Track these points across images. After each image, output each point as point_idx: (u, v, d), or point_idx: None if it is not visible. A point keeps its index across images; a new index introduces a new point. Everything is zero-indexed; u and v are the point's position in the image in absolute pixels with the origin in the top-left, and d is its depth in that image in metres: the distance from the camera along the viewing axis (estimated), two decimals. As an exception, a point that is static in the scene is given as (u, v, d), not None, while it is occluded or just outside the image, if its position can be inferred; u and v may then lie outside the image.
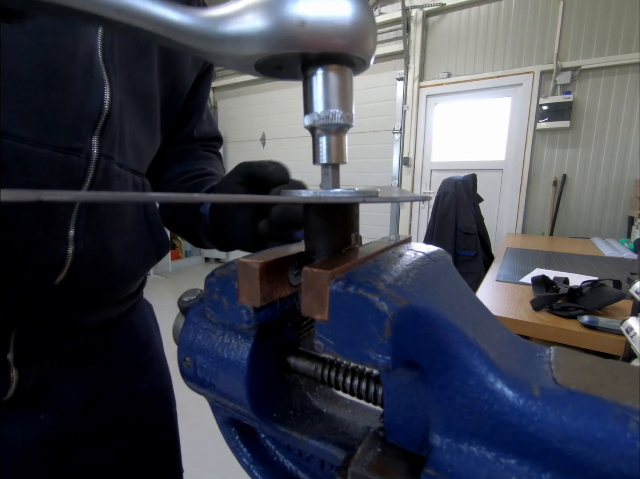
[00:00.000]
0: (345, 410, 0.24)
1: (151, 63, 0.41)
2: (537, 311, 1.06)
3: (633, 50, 2.56)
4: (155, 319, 0.60)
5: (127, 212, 0.41)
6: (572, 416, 0.13)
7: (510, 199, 3.13)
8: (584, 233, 2.86)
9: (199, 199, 0.15)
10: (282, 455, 0.25)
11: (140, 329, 0.52)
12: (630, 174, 2.69)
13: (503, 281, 1.38)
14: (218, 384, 0.22)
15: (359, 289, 0.15)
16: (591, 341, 0.92)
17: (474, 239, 2.10)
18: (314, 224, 0.21)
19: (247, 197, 0.29)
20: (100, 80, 0.34)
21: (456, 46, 3.17)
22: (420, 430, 0.17)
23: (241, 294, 0.19)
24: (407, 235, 0.24)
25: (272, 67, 0.18)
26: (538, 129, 2.89)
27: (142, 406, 0.50)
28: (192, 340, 0.23)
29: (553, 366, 0.16)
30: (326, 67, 0.17)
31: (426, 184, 3.47)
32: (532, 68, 2.88)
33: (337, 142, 0.19)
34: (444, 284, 0.18)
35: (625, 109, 2.66)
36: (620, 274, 1.44)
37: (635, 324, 0.69)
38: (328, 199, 0.18)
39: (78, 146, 0.33)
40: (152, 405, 0.52)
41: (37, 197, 0.10)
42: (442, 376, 0.15)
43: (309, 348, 0.25)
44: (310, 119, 0.18)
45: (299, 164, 4.09)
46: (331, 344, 0.15)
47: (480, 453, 0.15)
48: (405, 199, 0.23)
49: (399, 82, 3.42)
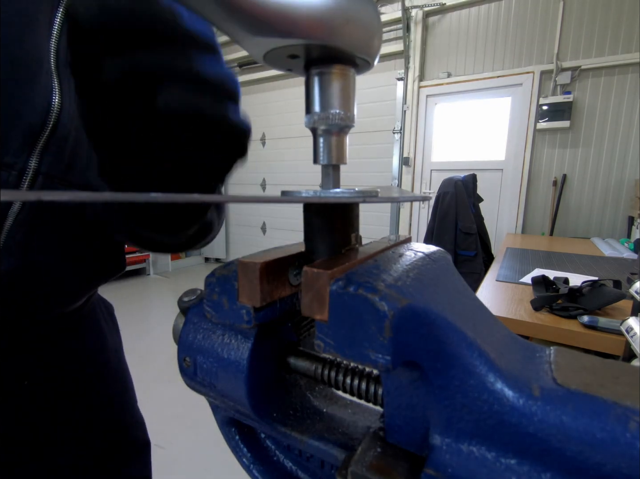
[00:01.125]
0: (345, 410, 0.24)
1: None
2: (537, 311, 1.06)
3: (633, 50, 2.56)
4: (113, 319, 0.55)
5: (78, 231, 0.37)
6: (572, 416, 0.13)
7: (510, 199, 3.13)
8: (584, 233, 2.86)
9: (199, 199, 0.15)
10: (282, 455, 0.25)
11: (88, 336, 0.47)
12: (630, 174, 2.69)
13: (503, 281, 1.38)
14: (218, 384, 0.22)
15: (359, 289, 0.15)
16: (591, 341, 0.92)
17: (474, 239, 2.10)
18: (314, 224, 0.21)
19: (247, 198, 0.29)
20: (48, 89, 0.30)
21: (456, 46, 3.17)
22: (420, 430, 0.17)
23: (241, 294, 0.19)
24: (407, 235, 0.24)
25: (288, 55, 0.17)
26: (538, 129, 2.89)
27: (93, 415, 0.47)
28: (192, 340, 0.23)
29: (553, 366, 0.16)
30: (329, 66, 0.17)
31: (426, 184, 3.47)
32: (532, 68, 2.88)
33: (338, 143, 0.19)
34: (444, 284, 0.18)
35: (625, 109, 2.66)
36: (620, 274, 1.44)
37: (635, 324, 0.69)
38: (328, 199, 0.18)
39: (10, 161, 0.29)
40: (106, 413, 0.49)
41: (37, 197, 0.10)
42: (442, 376, 0.15)
43: (309, 348, 0.25)
44: (311, 119, 0.18)
45: (299, 164, 4.12)
46: (331, 344, 0.15)
47: (480, 453, 0.15)
48: (405, 199, 0.23)
49: (399, 82, 3.42)
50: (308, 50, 0.17)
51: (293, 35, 0.15)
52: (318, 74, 0.18)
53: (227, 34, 0.16)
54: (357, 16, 0.16)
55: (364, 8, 0.16)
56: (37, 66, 0.30)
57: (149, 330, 2.73)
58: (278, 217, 4.43)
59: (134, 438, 0.54)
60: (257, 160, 4.44)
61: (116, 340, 0.54)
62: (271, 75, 4.10)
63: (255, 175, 4.52)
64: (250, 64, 4.20)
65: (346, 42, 0.16)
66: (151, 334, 2.66)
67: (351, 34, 0.16)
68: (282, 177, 4.32)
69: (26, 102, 0.29)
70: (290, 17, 0.15)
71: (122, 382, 0.53)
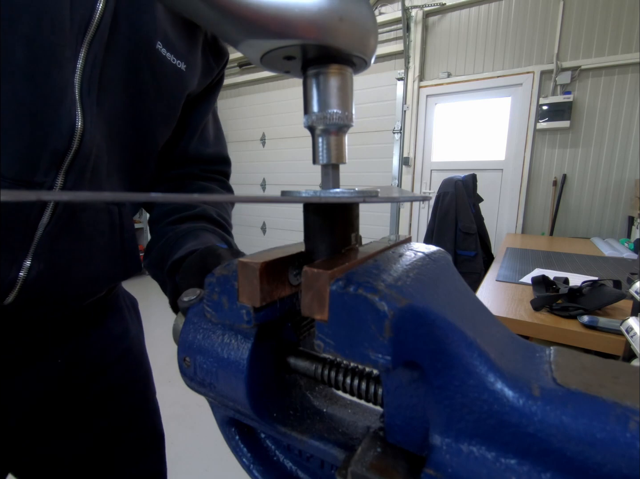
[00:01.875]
0: (345, 410, 0.24)
1: (141, 87, 0.41)
2: (537, 311, 1.06)
3: (633, 50, 2.56)
4: (137, 311, 0.60)
5: (97, 239, 0.41)
6: (572, 416, 0.13)
7: (510, 199, 3.13)
8: (584, 233, 2.86)
9: (198, 199, 0.15)
10: (282, 455, 0.25)
11: (112, 324, 0.52)
12: (630, 174, 2.69)
13: (503, 281, 1.38)
14: (218, 384, 0.22)
15: (359, 289, 0.15)
16: (591, 341, 0.92)
17: (474, 239, 2.10)
18: (314, 224, 0.21)
19: (247, 198, 0.29)
20: (72, 115, 0.34)
21: (456, 46, 3.17)
22: (420, 430, 0.17)
23: (241, 294, 0.19)
24: (407, 235, 0.24)
25: (284, 57, 0.17)
26: (538, 129, 2.89)
27: (115, 397, 0.51)
28: (192, 340, 0.23)
29: (553, 366, 0.15)
30: (326, 66, 0.17)
31: (426, 184, 3.47)
32: (532, 68, 2.88)
33: (337, 142, 0.19)
34: (444, 284, 0.18)
35: (625, 109, 2.66)
36: (620, 274, 1.44)
37: (635, 324, 0.69)
38: (328, 199, 0.18)
39: (40, 180, 0.33)
40: (127, 396, 0.53)
41: (36, 197, 0.10)
42: (442, 376, 0.15)
43: (309, 348, 0.25)
44: (309, 119, 0.18)
45: (299, 164, 4.11)
46: (331, 344, 0.15)
47: (480, 453, 0.15)
48: (405, 199, 0.23)
49: (399, 82, 3.42)
50: (304, 51, 0.17)
51: (288, 36, 0.15)
52: (315, 74, 0.18)
53: (223, 38, 0.16)
54: (351, 15, 0.16)
55: (357, 7, 0.16)
56: (63, 95, 0.33)
57: (149, 330, 2.71)
58: (278, 217, 4.43)
59: (152, 426, 0.57)
60: (257, 160, 4.44)
61: (139, 329, 0.59)
62: (271, 75, 4.09)
63: (255, 175, 4.52)
64: (250, 64, 4.20)
65: (341, 41, 0.16)
66: (151, 334, 2.65)
67: (346, 32, 0.16)
68: (282, 177, 4.32)
69: (53, 128, 0.33)
70: (285, 18, 0.15)
71: (143, 368, 0.57)
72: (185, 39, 0.44)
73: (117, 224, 0.43)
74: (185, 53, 0.44)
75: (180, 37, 0.44)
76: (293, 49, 0.16)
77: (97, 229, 0.41)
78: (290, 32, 0.15)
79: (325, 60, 0.17)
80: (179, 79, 0.45)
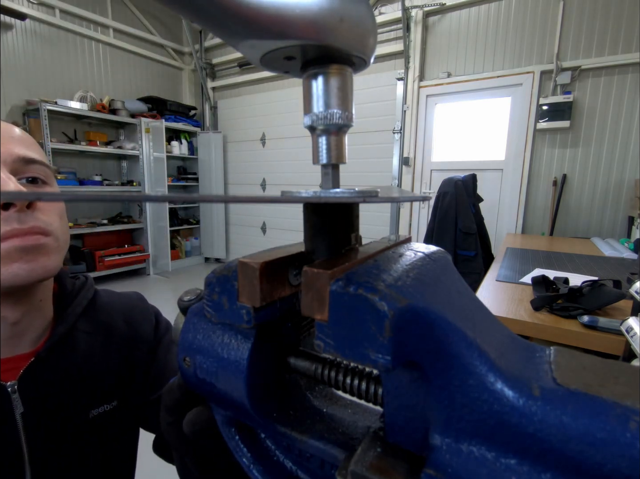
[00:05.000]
0: (345, 410, 0.24)
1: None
2: (537, 311, 1.06)
3: (633, 50, 2.56)
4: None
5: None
6: (572, 416, 0.13)
7: (510, 199, 3.13)
8: (584, 233, 2.86)
9: (198, 199, 0.15)
10: (282, 455, 0.25)
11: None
12: (630, 174, 2.69)
13: (503, 281, 1.38)
14: (218, 384, 0.22)
15: (359, 289, 0.15)
16: (591, 341, 0.92)
17: (474, 239, 2.10)
18: (314, 224, 0.21)
19: (247, 198, 0.29)
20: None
21: (456, 46, 3.17)
22: (420, 430, 0.17)
23: (241, 294, 0.19)
24: (407, 235, 0.24)
25: (284, 57, 0.17)
26: (538, 129, 2.89)
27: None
28: (192, 340, 0.23)
29: (553, 366, 0.15)
30: (326, 66, 0.17)
31: (426, 184, 3.47)
32: (532, 68, 2.88)
33: (337, 142, 0.19)
34: (444, 284, 0.18)
35: (625, 109, 2.66)
36: (620, 274, 1.44)
37: (635, 324, 0.69)
38: (328, 199, 0.18)
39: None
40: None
41: (36, 197, 0.10)
42: (442, 376, 0.15)
43: (309, 348, 0.25)
44: (309, 119, 0.18)
45: (299, 164, 4.12)
46: (331, 344, 0.15)
47: (480, 453, 0.15)
48: (405, 199, 0.23)
49: (399, 82, 3.42)
50: (304, 51, 0.17)
51: (288, 36, 0.15)
52: (315, 74, 0.18)
53: (223, 38, 0.16)
54: (351, 15, 0.16)
55: (357, 7, 0.16)
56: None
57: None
58: (278, 217, 4.43)
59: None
60: (257, 160, 4.44)
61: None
62: (271, 75, 4.10)
63: (255, 175, 4.52)
64: (250, 64, 4.20)
65: (341, 41, 0.16)
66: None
67: (345, 32, 0.16)
68: (282, 177, 4.32)
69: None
70: (285, 19, 0.15)
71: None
72: None
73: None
74: None
75: None
76: (293, 49, 0.16)
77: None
78: (290, 33, 0.15)
79: (325, 61, 0.17)
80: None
